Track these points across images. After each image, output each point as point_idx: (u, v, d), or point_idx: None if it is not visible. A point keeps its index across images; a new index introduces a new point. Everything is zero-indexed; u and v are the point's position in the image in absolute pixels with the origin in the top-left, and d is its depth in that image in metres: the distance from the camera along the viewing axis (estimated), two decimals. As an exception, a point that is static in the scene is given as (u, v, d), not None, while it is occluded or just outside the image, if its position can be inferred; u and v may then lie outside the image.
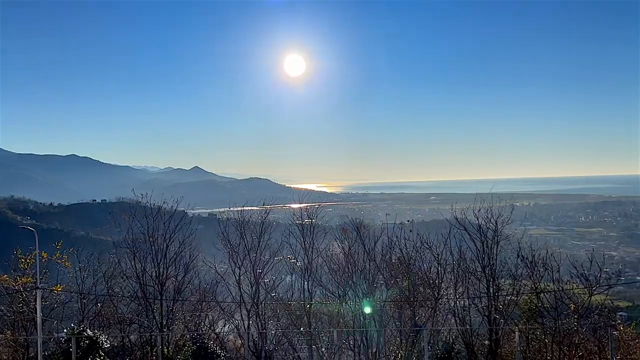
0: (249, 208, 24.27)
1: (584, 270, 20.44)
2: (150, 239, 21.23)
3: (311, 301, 21.24)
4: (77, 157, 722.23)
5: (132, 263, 21.34)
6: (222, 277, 22.06)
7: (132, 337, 21.59)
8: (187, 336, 21.06)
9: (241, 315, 21.45)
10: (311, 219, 22.42)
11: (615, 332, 20.48)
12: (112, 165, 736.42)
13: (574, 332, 19.81)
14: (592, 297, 20.32)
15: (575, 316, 19.88)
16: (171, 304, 21.27)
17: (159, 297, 20.92)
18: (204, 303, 22.34)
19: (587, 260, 20.66)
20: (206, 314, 22.55)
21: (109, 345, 18.88)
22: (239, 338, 22.55)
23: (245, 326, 21.10)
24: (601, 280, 20.38)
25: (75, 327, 18.59)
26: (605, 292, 21.13)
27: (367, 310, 19.69)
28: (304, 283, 21.52)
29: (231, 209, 23.57)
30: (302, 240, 21.71)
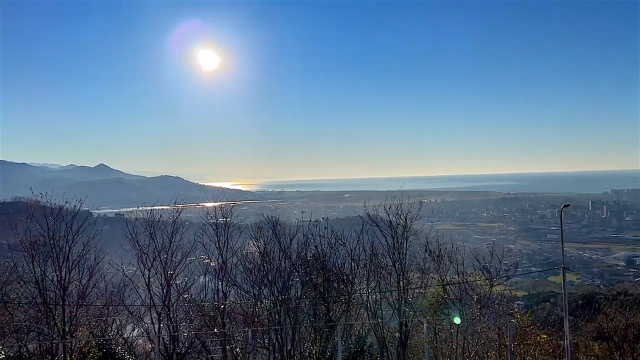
0: (160, 207, 23.40)
1: (485, 263, 21.83)
2: (51, 241, 19.84)
3: (225, 301, 20.90)
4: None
5: (31, 267, 19.84)
6: (130, 279, 21.11)
7: (30, 346, 20.11)
8: (93, 342, 20.00)
9: (151, 319, 20.66)
10: (226, 218, 22.05)
11: (513, 320, 22.05)
12: (7, 162, 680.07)
13: (477, 321, 21.08)
14: (493, 287, 21.76)
15: (478, 306, 21.17)
16: (74, 309, 20.05)
17: (61, 303, 19.65)
18: (110, 307, 21.25)
19: (489, 254, 22.08)
20: (113, 319, 21.49)
21: (3, 355, 17.49)
22: (149, 342, 21.71)
23: (156, 329, 20.35)
24: (501, 272, 21.86)
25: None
26: (505, 282, 22.71)
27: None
28: (217, 283, 21.12)
29: (140, 208, 22.62)
30: (216, 239, 21.28)
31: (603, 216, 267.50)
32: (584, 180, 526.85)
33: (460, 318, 20.89)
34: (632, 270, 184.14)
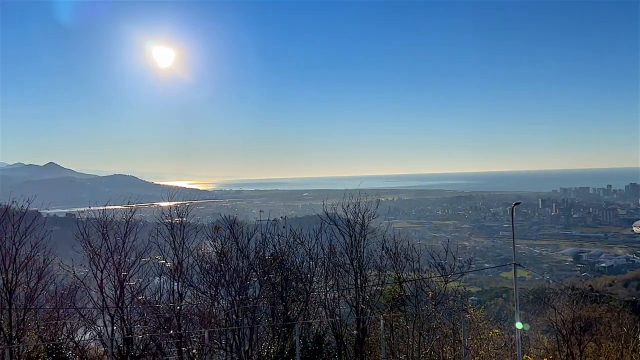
0: (113, 207, 22.77)
1: (440, 260, 22.28)
2: (-4, 243, 19.00)
3: (181, 302, 20.55)
4: None
5: (-26, 270, 18.94)
6: (81, 281, 20.45)
7: (-26, 352, 19.20)
8: (42, 347, 19.28)
9: (104, 321, 20.07)
10: (181, 218, 21.67)
11: (467, 315, 22.64)
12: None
13: (432, 317, 21.50)
14: (448, 284, 22.25)
15: (433, 302, 21.60)
16: (22, 313, 19.27)
17: (7, 307, 18.85)
18: (60, 310, 20.54)
19: (443, 251, 22.57)
20: (64, 322, 20.77)
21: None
22: (101, 345, 21.11)
23: (109, 332, 19.81)
24: (455, 269, 22.36)
25: None
26: (459, 279, 23.23)
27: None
28: (173, 284, 20.73)
29: (92, 208, 21.93)
30: (171, 240, 20.87)
31: (552, 214, 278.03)
32: (534, 179, 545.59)
33: (418, 314, 21.26)
34: (579, 265, 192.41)
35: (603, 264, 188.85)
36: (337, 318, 21.00)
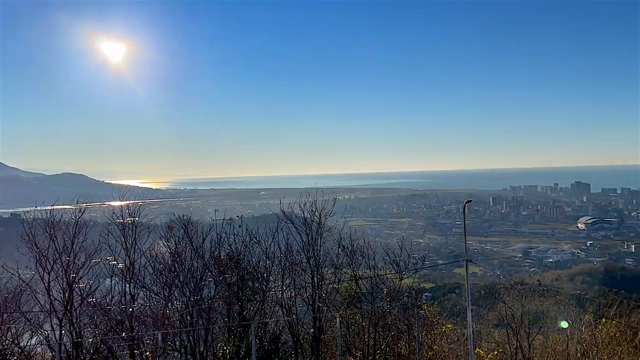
0: (61, 207, 21.95)
1: (395, 257, 22.64)
2: None
3: (133, 304, 20.05)
4: None
5: None
6: (27, 284, 19.64)
7: None
8: (-16, 354, 18.42)
9: (52, 325, 19.35)
10: (134, 217, 21.13)
11: (421, 311, 23.09)
12: None
13: (387, 314, 21.82)
14: (402, 280, 22.63)
15: (388, 299, 21.92)
16: (-38, 319, 18.36)
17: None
18: (5, 315, 19.66)
19: (398, 248, 22.93)
20: (8, 327, 19.90)
21: None
22: (49, 350, 20.36)
23: (57, 336, 19.12)
24: (409, 265, 22.76)
25: None
26: (413, 275, 23.67)
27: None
28: (125, 286, 20.21)
29: (39, 208, 21.08)
30: (123, 240, 20.33)
31: (502, 211, 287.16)
32: (485, 178, 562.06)
33: (374, 311, 21.52)
34: (528, 260, 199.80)
35: (550, 259, 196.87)
36: (294, 317, 21.00)
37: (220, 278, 20.79)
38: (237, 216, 24.35)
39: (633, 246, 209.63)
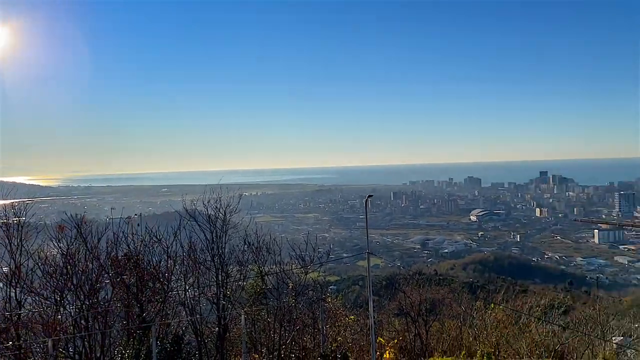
0: None
1: (301, 252, 22.88)
2: None
3: (20, 310, 18.54)
4: None
5: None
6: None
7: None
8: None
9: None
10: (19, 217, 19.51)
11: (325, 304, 23.56)
12: None
13: (293, 309, 22.02)
14: (308, 275, 22.95)
15: (294, 294, 22.12)
16: None
17: None
18: None
19: (304, 243, 23.18)
20: None
21: None
22: None
23: None
24: (315, 259, 23.11)
25: None
26: (318, 269, 24.10)
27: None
28: (10, 291, 18.62)
29: None
30: (7, 242, 18.70)
31: (402, 205, 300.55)
32: (387, 173, 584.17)
33: (280, 307, 21.61)
34: (426, 251, 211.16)
35: (446, 250, 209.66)
36: (198, 316, 20.53)
37: (118, 279, 19.82)
38: (136, 214, 23.35)
39: (518, 236, 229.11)
